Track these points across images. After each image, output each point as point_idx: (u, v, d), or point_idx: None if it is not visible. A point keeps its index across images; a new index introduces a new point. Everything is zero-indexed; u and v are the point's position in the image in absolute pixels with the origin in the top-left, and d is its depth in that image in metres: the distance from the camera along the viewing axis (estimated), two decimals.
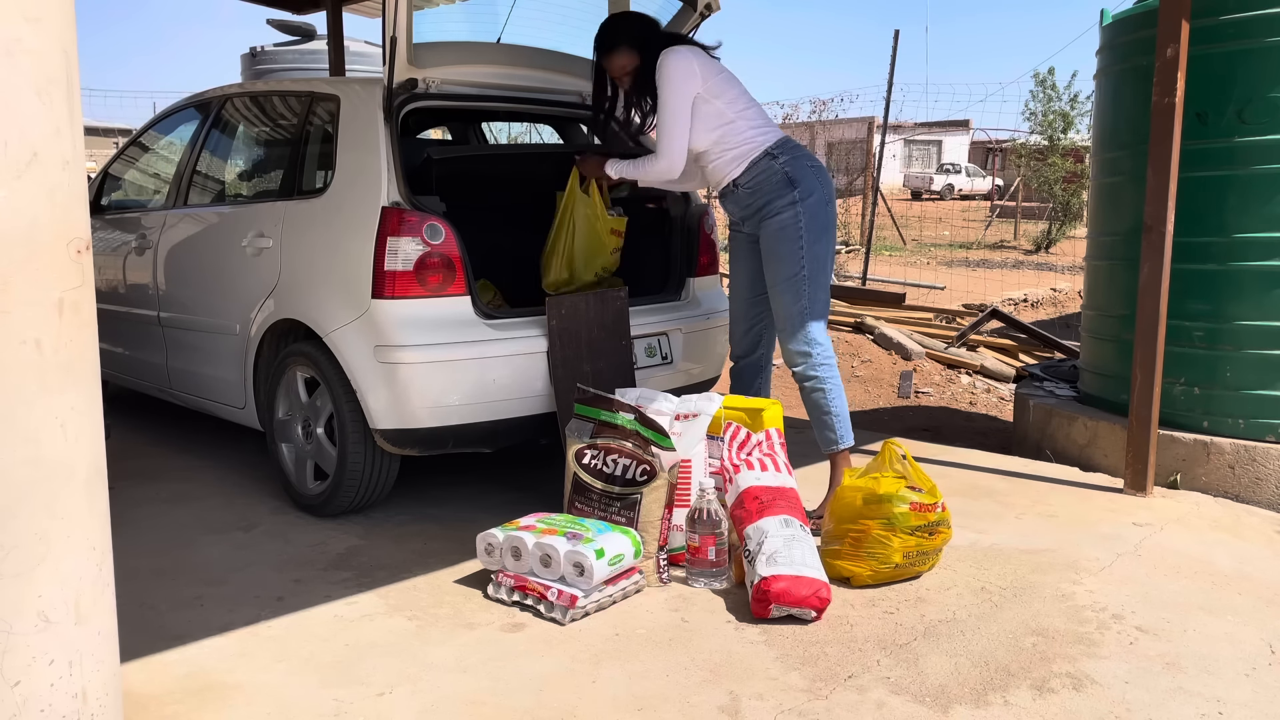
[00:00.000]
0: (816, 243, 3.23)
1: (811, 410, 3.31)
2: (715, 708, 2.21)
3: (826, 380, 3.27)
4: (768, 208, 3.25)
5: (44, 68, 1.59)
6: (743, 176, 3.27)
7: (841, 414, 3.30)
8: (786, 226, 3.22)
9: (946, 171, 35.94)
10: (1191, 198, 3.79)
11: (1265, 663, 2.43)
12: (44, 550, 1.64)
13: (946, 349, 7.12)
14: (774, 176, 3.23)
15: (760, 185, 3.24)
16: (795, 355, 3.27)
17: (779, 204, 3.23)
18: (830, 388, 3.27)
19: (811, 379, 3.27)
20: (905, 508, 2.81)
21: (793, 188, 3.21)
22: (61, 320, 1.64)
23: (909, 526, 2.80)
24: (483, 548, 2.84)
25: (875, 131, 18.33)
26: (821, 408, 3.28)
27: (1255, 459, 3.81)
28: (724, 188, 3.36)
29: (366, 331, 3.18)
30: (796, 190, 3.21)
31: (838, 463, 3.31)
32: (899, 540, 2.80)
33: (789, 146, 3.27)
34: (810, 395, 3.29)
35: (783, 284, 3.25)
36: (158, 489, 3.82)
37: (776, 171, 3.22)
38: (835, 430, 3.30)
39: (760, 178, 3.24)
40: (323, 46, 9.31)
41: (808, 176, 3.23)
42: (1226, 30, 3.82)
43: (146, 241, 4.30)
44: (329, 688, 2.30)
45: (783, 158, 3.23)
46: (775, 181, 3.23)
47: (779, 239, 3.24)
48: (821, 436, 3.32)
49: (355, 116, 3.46)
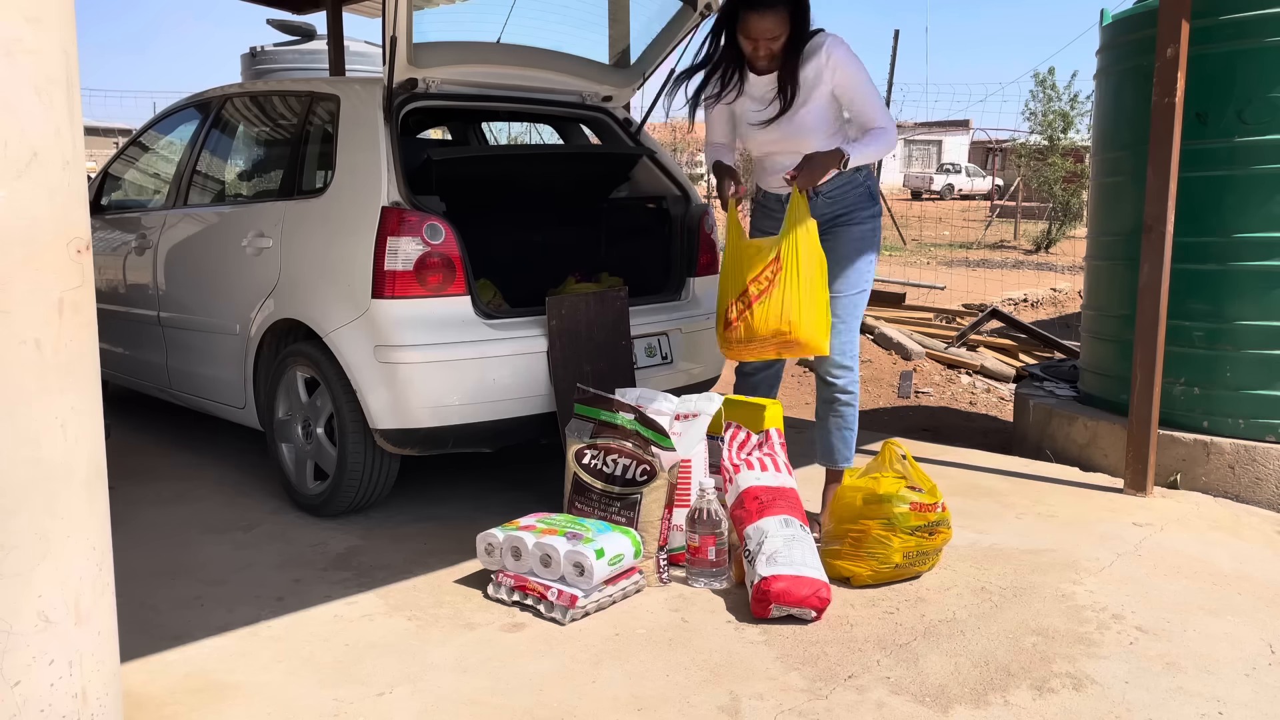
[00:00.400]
0: (876, 261, 3.27)
1: (834, 422, 3.29)
2: (715, 708, 2.21)
3: (856, 398, 3.28)
4: (847, 217, 3.20)
5: (44, 67, 1.60)
6: (827, 184, 3.15)
7: (855, 432, 3.32)
8: (866, 238, 3.21)
9: (946, 171, 35.95)
10: (1191, 198, 3.79)
11: (1265, 663, 2.43)
12: (44, 550, 1.64)
13: (946, 349, 7.12)
14: (856, 188, 3.20)
15: (842, 194, 3.19)
16: (837, 368, 3.22)
17: (861, 215, 3.21)
18: (855, 406, 3.29)
19: (848, 395, 3.25)
20: (905, 508, 2.81)
21: (874, 203, 3.23)
22: (61, 320, 1.64)
23: (909, 526, 2.80)
24: (483, 548, 2.84)
25: None
26: (845, 424, 3.29)
27: (1255, 459, 3.81)
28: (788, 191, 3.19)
29: (366, 331, 3.18)
30: (876, 205, 3.24)
31: (837, 479, 3.31)
32: (899, 540, 2.80)
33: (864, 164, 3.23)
34: (839, 409, 3.27)
35: (848, 295, 3.20)
36: (158, 489, 3.82)
37: (859, 184, 3.21)
38: (850, 447, 3.32)
39: (844, 187, 3.18)
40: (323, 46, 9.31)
41: (878, 196, 3.27)
42: (1226, 30, 3.82)
43: (146, 241, 4.30)
44: (329, 688, 2.30)
45: (863, 171, 3.21)
46: (858, 193, 3.21)
47: (856, 249, 3.20)
48: (833, 451, 3.31)
49: (355, 116, 3.46)
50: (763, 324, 3.02)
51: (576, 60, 3.85)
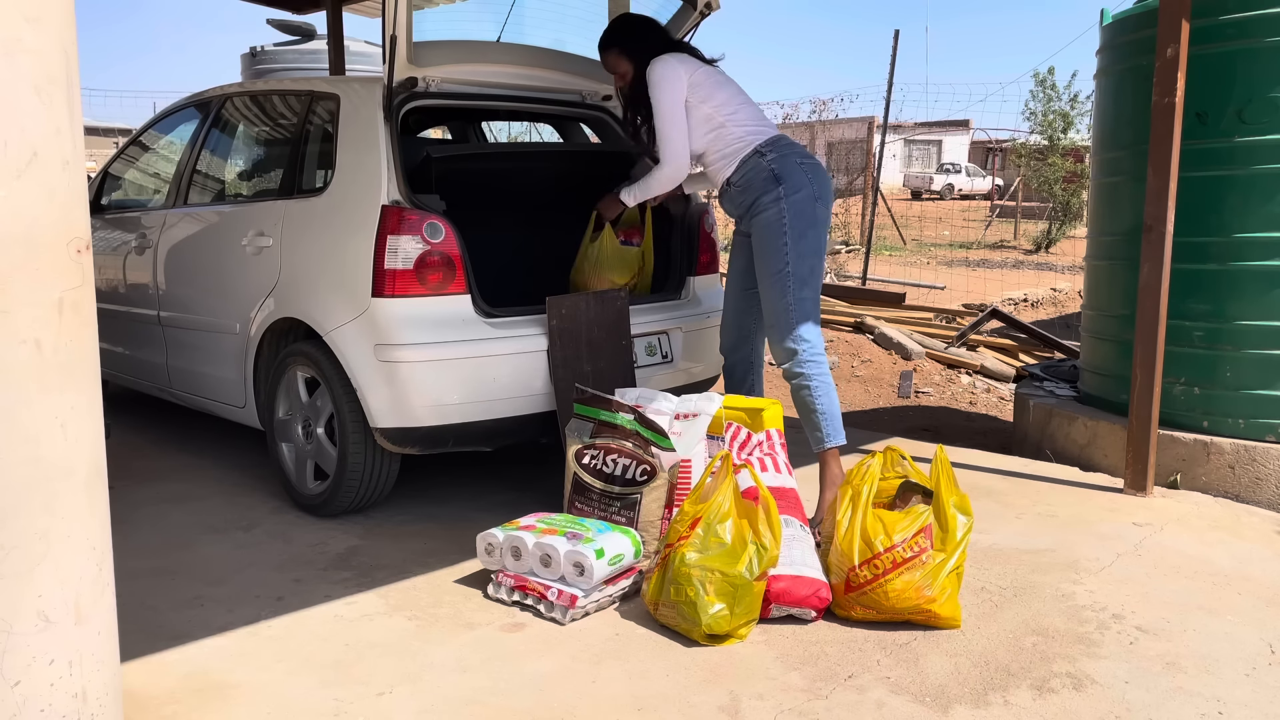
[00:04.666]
0: (801, 239, 3.22)
1: (799, 408, 3.30)
2: (715, 708, 2.21)
3: (813, 377, 3.25)
4: (755, 204, 3.29)
5: (44, 67, 1.59)
6: (734, 175, 3.32)
7: (829, 412, 3.26)
8: (771, 223, 3.25)
9: (946, 171, 35.93)
10: (1191, 198, 3.79)
11: (1265, 663, 2.43)
12: (44, 550, 1.64)
13: (946, 349, 7.12)
14: (760, 174, 3.26)
15: (749, 183, 3.28)
16: (781, 352, 3.28)
17: (765, 200, 3.26)
18: (816, 385, 3.24)
19: (798, 376, 3.25)
20: None
21: (778, 184, 3.24)
22: (61, 320, 1.64)
23: None
24: (483, 548, 2.84)
25: (875, 131, 18.34)
26: (808, 405, 3.27)
27: (1255, 459, 3.81)
28: (721, 188, 3.41)
29: (367, 330, 3.18)
30: (781, 186, 3.23)
31: (828, 461, 3.29)
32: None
33: (780, 144, 3.29)
34: (797, 393, 3.28)
35: (769, 280, 3.27)
36: (158, 489, 3.82)
37: (763, 169, 3.26)
38: (822, 429, 3.27)
39: (749, 175, 3.28)
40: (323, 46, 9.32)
41: (795, 173, 3.25)
42: (1226, 30, 3.82)
43: (146, 241, 4.30)
44: (329, 688, 2.30)
45: (770, 155, 3.26)
46: (762, 179, 3.26)
47: (765, 235, 3.27)
48: (810, 435, 3.31)
49: (355, 115, 3.46)
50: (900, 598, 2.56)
51: (576, 59, 3.85)
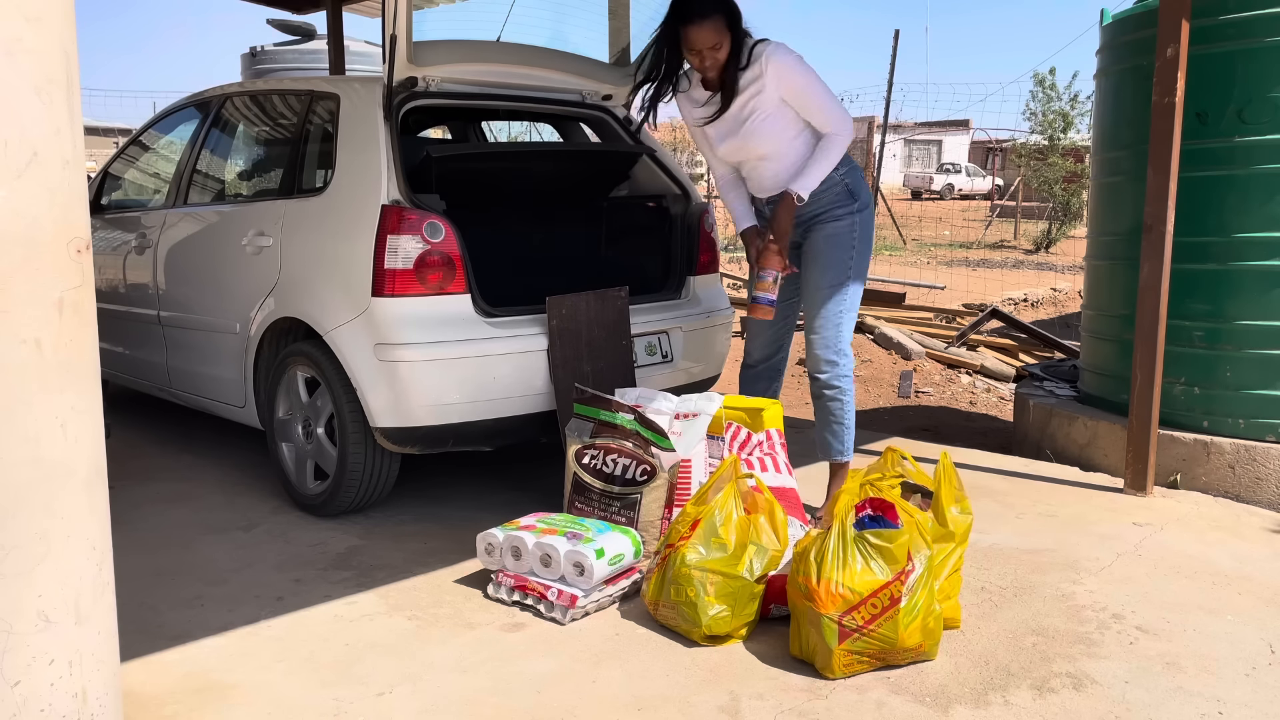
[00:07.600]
0: (863, 256, 3.24)
1: (823, 417, 3.29)
2: (715, 708, 2.21)
3: (846, 392, 3.26)
4: (825, 215, 3.22)
5: (44, 67, 1.59)
6: None
7: (851, 427, 3.31)
8: (841, 234, 3.21)
9: (946, 171, 35.94)
10: (1191, 198, 3.78)
11: (1265, 663, 2.43)
12: (44, 550, 1.64)
13: (946, 349, 7.11)
14: (834, 186, 3.20)
15: (819, 195, 3.19)
16: (823, 362, 3.23)
17: (839, 212, 3.21)
18: (848, 400, 3.27)
19: (834, 389, 3.25)
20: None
21: (854, 199, 3.23)
22: (61, 320, 1.64)
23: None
24: (483, 548, 2.84)
25: (875, 131, 18.35)
26: (836, 417, 3.27)
27: (1255, 459, 3.81)
28: (774, 195, 3.22)
29: (367, 330, 3.18)
30: (857, 202, 3.23)
31: (838, 472, 3.32)
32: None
33: (847, 159, 3.24)
34: (827, 403, 3.27)
35: (825, 290, 3.21)
36: (158, 489, 3.82)
37: (836, 182, 3.20)
38: (843, 441, 3.30)
39: (822, 191, 3.18)
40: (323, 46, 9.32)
41: (864, 189, 3.26)
42: (1226, 30, 3.82)
43: (146, 241, 4.30)
44: (329, 687, 2.30)
45: (842, 169, 3.21)
46: (835, 191, 3.20)
47: (831, 244, 3.21)
48: (828, 445, 3.31)
49: (355, 115, 3.46)
50: None
51: (576, 59, 3.85)
